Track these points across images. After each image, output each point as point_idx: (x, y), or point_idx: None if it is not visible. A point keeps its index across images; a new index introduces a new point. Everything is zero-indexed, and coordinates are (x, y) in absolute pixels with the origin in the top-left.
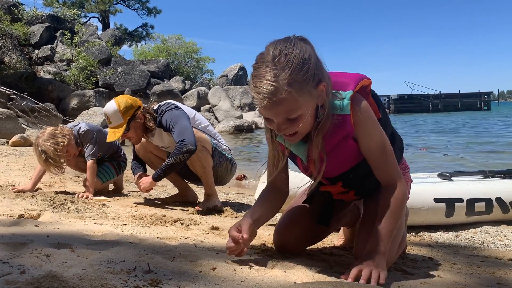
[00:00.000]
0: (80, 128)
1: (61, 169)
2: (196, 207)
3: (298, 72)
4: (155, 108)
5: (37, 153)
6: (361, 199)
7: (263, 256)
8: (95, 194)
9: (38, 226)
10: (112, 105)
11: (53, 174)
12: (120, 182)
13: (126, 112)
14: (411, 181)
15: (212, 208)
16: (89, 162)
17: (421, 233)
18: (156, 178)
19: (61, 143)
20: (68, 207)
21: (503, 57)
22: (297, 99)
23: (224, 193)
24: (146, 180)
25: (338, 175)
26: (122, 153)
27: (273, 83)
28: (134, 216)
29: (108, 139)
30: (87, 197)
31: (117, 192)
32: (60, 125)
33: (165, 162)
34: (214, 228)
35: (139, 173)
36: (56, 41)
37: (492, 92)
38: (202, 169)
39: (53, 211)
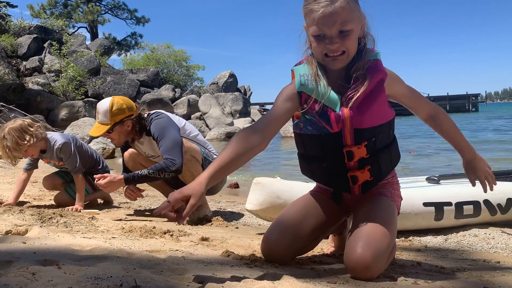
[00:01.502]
0: (55, 142)
1: (11, 162)
2: (186, 218)
3: None
4: (144, 116)
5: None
6: (368, 188)
7: (252, 267)
8: (86, 207)
9: (25, 243)
10: (106, 103)
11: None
12: (107, 196)
13: (115, 115)
14: (401, 199)
15: (202, 218)
16: (78, 175)
17: (410, 238)
18: (127, 181)
19: (26, 142)
20: (57, 221)
21: (490, 59)
22: (352, 11)
23: (215, 201)
24: (114, 179)
25: (367, 128)
26: (102, 166)
27: None
28: (123, 228)
29: (90, 133)
30: (76, 210)
31: (107, 204)
32: (39, 124)
33: (147, 170)
34: (204, 239)
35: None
36: (44, 52)
37: (479, 93)
38: (192, 178)
39: (41, 225)
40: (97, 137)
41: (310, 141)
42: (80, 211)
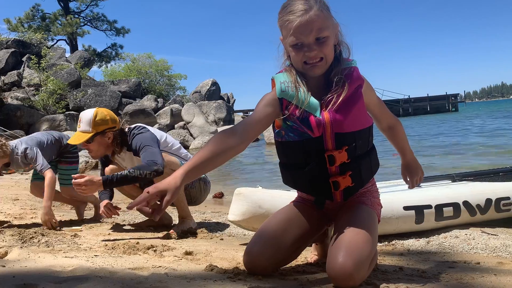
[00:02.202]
0: (18, 150)
1: None
2: (171, 231)
3: (323, 4)
4: (125, 130)
5: None
6: (349, 194)
7: (235, 280)
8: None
9: (4, 266)
10: (90, 112)
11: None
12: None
13: (98, 125)
14: (381, 207)
15: (186, 231)
16: (46, 173)
17: (393, 242)
18: (106, 183)
19: None
20: (38, 241)
21: (468, 59)
22: (326, 19)
23: (200, 212)
24: (93, 179)
25: (347, 133)
26: (74, 146)
27: (307, 3)
28: (106, 245)
29: (69, 141)
30: (53, 227)
31: (95, 216)
32: (4, 140)
33: (127, 171)
34: (188, 253)
35: (105, 201)
36: (22, 66)
37: (459, 93)
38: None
39: (22, 246)
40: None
41: (292, 148)
42: (56, 225)
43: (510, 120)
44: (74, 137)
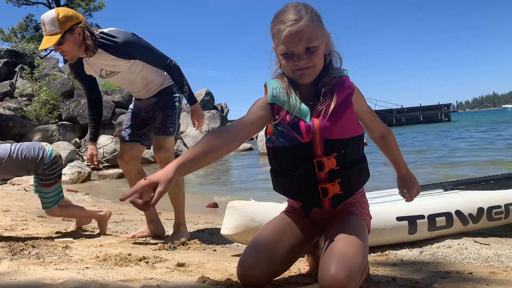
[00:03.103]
0: None
1: None
2: (164, 244)
3: (315, 14)
4: (98, 32)
5: None
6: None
7: None
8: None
9: None
10: (51, 13)
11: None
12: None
13: (64, 22)
14: (371, 217)
15: (180, 243)
16: None
17: (387, 252)
18: (195, 101)
19: None
20: (29, 253)
21: (460, 69)
22: (317, 29)
23: (193, 223)
24: (201, 114)
25: (336, 140)
26: (51, 160)
27: (298, 13)
28: (98, 257)
29: (40, 47)
30: None
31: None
32: None
33: (184, 90)
34: (180, 265)
35: (92, 146)
36: (15, 76)
37: (451, 103)
38: (177, 188)
39: (11, 258)
40: (46, 50)
41: (283, 153)
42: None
43: None
44: (44, 42)
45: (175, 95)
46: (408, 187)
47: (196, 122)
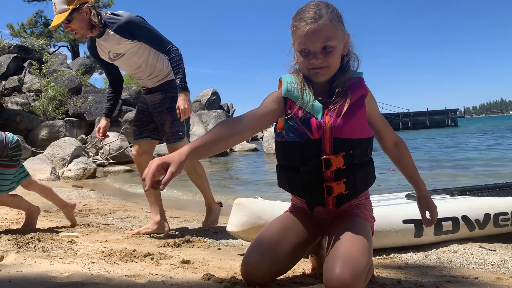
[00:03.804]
0: None
1: None
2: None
3: (335, 14)
4: (108, 14)
5: None
6: (341, 202)
7: None
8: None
9: (0, 270)
10: None
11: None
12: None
13: (71, 1)
14: (374, 220)
15: (184, 240)
16: None
17: (391, 255)
18: (186, 89)
19: None
20: (35, 246)
21: (468, 74)
22: (336, 29)
23: (197, 221)
24: (185, 101)
25: (346, 139)
26: (14, 143)
27: (318, 12)
28: (103, 252)
29: (51, 25)
30: None
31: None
32: None
33: (178, 76)
34: (185, 262)
35: (103, 120)
36: (24, 71)
37: (458, 108)
38: (199, 178)
39: (18, 251)
40: (56, 27)
41: (291, 148)
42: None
43: None
44: (54, 20)
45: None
46: (431, 209)
47: (179, 112)
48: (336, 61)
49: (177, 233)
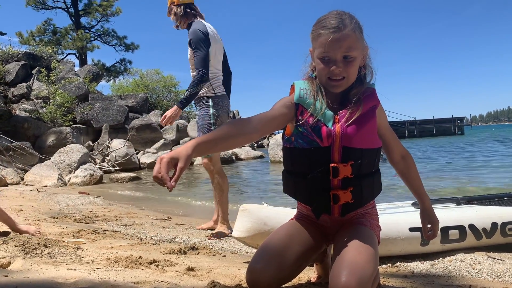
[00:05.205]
0: None
1: None
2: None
3: (358, 26)
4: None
5: None
6: (347, 211)
7: None
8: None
9: (7, 276)
10: None
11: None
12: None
13: None
14: (380, 229)
15: (190, 247)
16: None
17: (397, 264)
18: (183, 105)
19: None
20: (41, 252)
21: (475, 83)
22: (357, 40)
23: (203, 229)
24: (173, 112)
25: (355, 148)
26: None
27: (342, 21)
28: (109, 259)
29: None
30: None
31: None
32: None
33: (187, 91)
34: (190, 269)
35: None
36: (32, 78)
37: (465, 117)
38: (220, 192)
39: (24, 257)
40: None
41: (299, 155)
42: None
43: None
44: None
45: (209, 104)
46: (433, 223)
47: (164, 118)
48: (354, 72)
49: (182, 240)
